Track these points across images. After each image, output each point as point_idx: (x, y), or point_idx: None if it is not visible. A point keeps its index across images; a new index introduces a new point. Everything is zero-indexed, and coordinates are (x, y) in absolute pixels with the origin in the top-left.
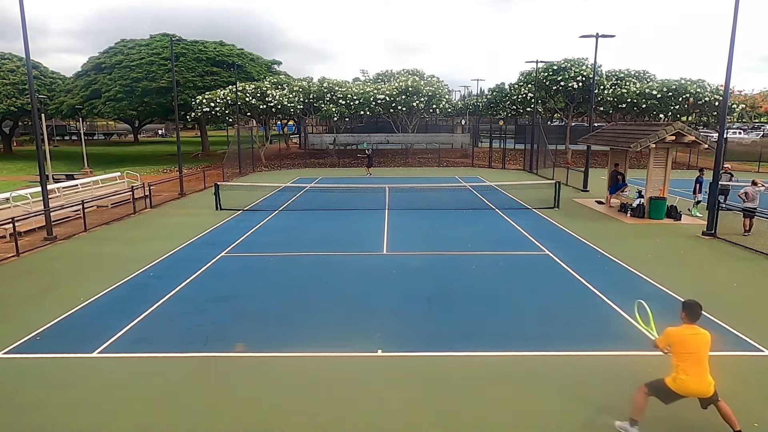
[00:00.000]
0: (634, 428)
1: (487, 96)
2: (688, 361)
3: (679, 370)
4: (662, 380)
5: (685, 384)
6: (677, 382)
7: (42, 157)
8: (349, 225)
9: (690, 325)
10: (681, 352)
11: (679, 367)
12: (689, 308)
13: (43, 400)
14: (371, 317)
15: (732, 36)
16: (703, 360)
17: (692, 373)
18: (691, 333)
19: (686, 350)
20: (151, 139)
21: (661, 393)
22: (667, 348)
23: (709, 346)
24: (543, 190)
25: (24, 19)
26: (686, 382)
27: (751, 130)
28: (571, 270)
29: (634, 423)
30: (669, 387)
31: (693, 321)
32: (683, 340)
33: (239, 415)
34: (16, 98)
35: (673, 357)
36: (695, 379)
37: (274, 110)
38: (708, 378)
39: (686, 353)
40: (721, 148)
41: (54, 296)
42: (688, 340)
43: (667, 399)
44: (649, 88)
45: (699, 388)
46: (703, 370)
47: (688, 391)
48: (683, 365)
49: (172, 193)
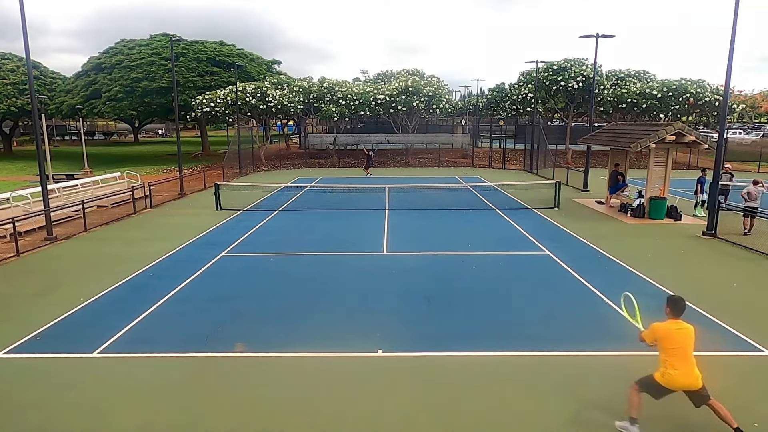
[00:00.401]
0: (634, 426)
1: (487, 96)
2: (675, 356)
3: (667, 365)
4: (651, 376)
5: (673, 378)
6: (666, 377)
7: (42, 157)
8: (350, 225)
9: (675, 320)
10: (668, 347)
11: (667, 362)
12: (674, 303)
13: (43, 400)
14: (371, 317)
15: (732, 36)
16: (689, 354)
17: (680, 367)
18: (677, 328)
19: (673, 345)
20: (151, 139)
21: (651, 389)
22: (653, 342)
23: (693, 339)
24: (543, 190)
25: (24, 19)
26: (674, 377)
27: (751, 130)
28: (571, 270)
29: (634, 421)
30: (658, 382)
31: (677, 316)
32: (670, 336)
33: (239, 415)
34: (16, 98)
35: (661, 352)
36: (683, 373)
37: (274, 110)
38: (695, 371)
39: (673, 348)
40: (721, 148)
41: (54, 296)
42: (674, 335)
43: (658, 394)
44: (649, 88)
45: (687, 381)
46: (690, 363)
47: (676, 385)
48: (671, 360)
49: (172, 193)
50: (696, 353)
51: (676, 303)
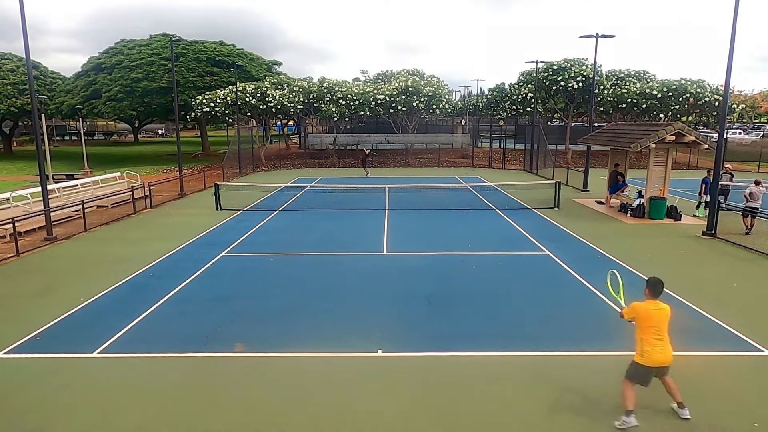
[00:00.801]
0: (630, 418)
1: (487, 96)
2: (650, 333)
3: (643, 344)
4: (633, 362)
5: (650, 355)
6: (644, 356)
7: (42, 157)
8: (349, 225)
9: (653, 300)
10: (645, 325)
11: (643, 341)
12: (653, 285)
13: (43, 400)
14: (371, 317)
15: (732, 36)
16: (664, 332)
17: (655, 344)
18: (655, 308)
19: (650, 323)
20: (151, 139)
21: (638, 375)
22: (632, 319)
23: (669, 319)
24: (543, 190)
25: (24, 19)
26: (651, 354)
27: (751, 130)
28: (571, 270)
29: (630, 413)
30: (640, 364)
31: (656, 297)
32: (648, 315)
33: (239, 415)
34: (16, 98)
35: (638, 330)
36: (659, 350)
37: (274, 110)
38: (669, 348)
39: (650, 326)
40: (721, 148)
41: (54, 296)
42: (652, 314)
43: (645, 378)
44: (649, 88)
45: (662, 357)
46: (664, 341)
47: (654, 361)
48: (647, 338)
49: (172, 194)
50: (696, 353)
51: (655, 285)
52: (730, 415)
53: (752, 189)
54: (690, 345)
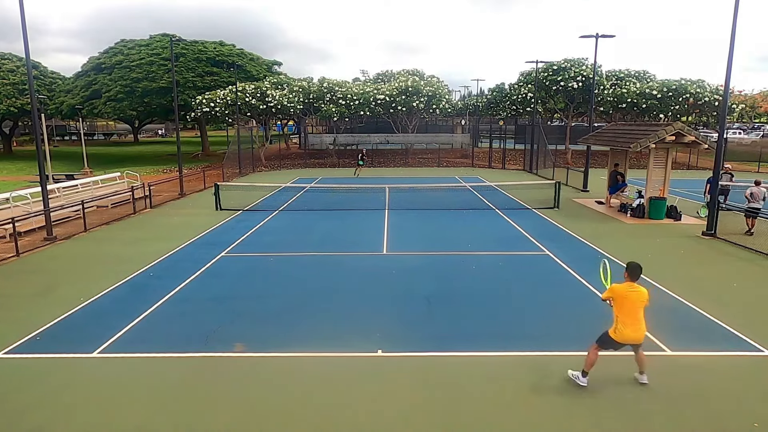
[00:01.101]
0: (584, 378)
1: (487, 96)
2: (626, 313)
3: (618, 322)
4: (606, 333)
5: (623, 333)
6: (618, 332)
7: (42, 157)
8: (349, 225)
9: (631, 283)
10: (621, 305)
11: (618, 319)
12: (631, 270)
13: (43, 400)
14: (371, 317)
15: (732, 36)
16: (638, 312)
17: (629, 324)
18: (631, 290)
19: (626, 304)
20: (151, 139)
21: (608, 344)
22: (609, 299)
23: (645, 302)
24: (543, 190)
25: (24, 19)
26: (623, 332)
27: (751, 130)
28: (571, 270)
29: (585, 374)
30: (612, 338)
31: (634, 280)
32: (625, 295)
33: (239, 415)
34: (16, 98)
35: (615, 309)
36: (632, 329)
37: (274, 110)
38: (642, 327)
39: (626, 307)
40: (721, 148)
41: (54, 296)
42: (629, 295)
43: (615, 347)
44: (649, 88)
45: (634, 335)
46: (638, 320)
47: (626, 338)
48: (622, 317)
49: (172, 194)
50: (696, 353)
51: (633, 269)
52: (730, 415)
53: (753, 189)
54: (690, 345)
